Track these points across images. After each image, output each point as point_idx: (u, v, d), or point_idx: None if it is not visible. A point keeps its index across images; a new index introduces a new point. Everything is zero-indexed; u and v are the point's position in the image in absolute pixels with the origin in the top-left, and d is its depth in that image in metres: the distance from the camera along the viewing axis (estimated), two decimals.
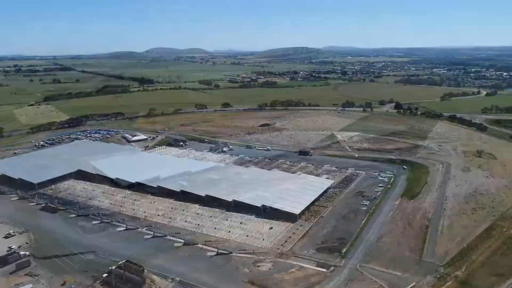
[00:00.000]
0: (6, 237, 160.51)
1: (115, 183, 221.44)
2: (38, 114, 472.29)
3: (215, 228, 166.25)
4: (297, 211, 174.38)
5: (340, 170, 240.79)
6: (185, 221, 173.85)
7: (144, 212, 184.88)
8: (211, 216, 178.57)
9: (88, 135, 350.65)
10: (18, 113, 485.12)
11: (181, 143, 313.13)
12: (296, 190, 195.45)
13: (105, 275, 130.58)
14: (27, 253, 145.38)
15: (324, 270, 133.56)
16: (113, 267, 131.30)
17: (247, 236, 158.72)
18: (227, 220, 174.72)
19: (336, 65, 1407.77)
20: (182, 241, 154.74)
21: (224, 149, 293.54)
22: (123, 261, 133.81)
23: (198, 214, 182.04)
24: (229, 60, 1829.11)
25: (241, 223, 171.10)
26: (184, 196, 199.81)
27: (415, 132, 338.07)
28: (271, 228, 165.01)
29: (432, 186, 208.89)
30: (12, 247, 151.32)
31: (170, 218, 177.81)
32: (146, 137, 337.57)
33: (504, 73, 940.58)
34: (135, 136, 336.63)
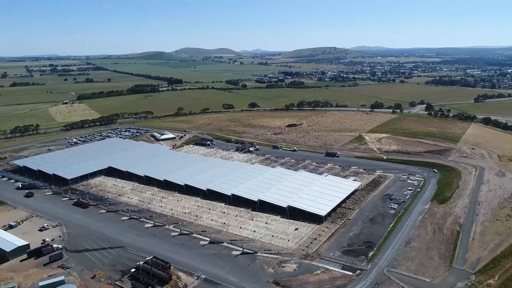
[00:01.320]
0: (40, 230, 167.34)
1: (144, 180, 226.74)
2: (71, 112, 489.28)
3: (240, 228, 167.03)
4: (323, 212, 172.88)
5: (367, 172, 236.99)
6: (211, 220, 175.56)
7: (171, 209, 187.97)
8: (236, 216, 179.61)
9: (119, 133, 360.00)
10: (53, 111, 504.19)
11: (208, 143, 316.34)
12: (322, 192, 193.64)
13: (133, 270, 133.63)
14: (59, 246, 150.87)
15: (350, 273, 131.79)
16: (141, 263, 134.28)
17: (272, 236, 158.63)
18: (252, 219, 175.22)
19: (365, 66, 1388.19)
20: (208, 239, 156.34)
21: (251, 149, 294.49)
22: (151, 257, 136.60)
23: (224, 213, 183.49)
24: (256, 60, 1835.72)
25: (266, 223, 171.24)
26: (210, 195, 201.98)
27: (447, 135, 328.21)
28: (296, 229, 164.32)
29: (464, 191, 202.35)
30: (46, 240, 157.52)
31: (197, 216, 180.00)
32: (174, 136, 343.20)
33: None
34: (163, 135, 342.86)
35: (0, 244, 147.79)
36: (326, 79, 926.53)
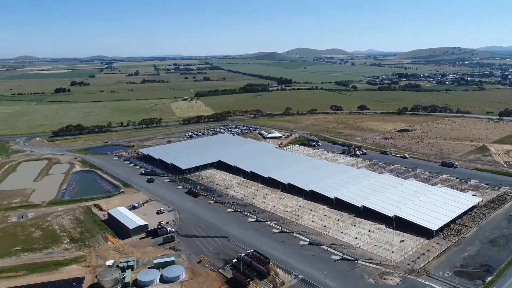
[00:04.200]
0: (158, 213, 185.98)
1: (250, 175, 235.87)
2: (189, 108, 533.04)
3: (341, 232, 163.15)
4: (434, 227, 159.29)
5: (490, 187, 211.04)
6: (312, 221, 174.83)
7: (274, 206, 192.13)
8: (338, 220, 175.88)
9: (229, 129, 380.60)
10: (174, 106, 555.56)
11: (314, 143, 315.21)
12: (434, 204, 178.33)
13: (234, 260, 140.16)
14: (172, 229, 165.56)
15: None
16: (242, 255, 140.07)
17: (375, 245, 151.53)
18: (354, 225, 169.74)
19: (495, 68, 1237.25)
20: (308, 240, 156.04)
21: (357, 152, 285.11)
22: (252, 251, 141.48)
23: (325, 215, 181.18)
24: (369, 61, 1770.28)
25: (369, 231, 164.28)
26: (313, 196, 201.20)
27: None
28: (402, 241, 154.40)
29: None
30: (162, 222, 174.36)
31: (298, 216, 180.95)
32: (280, 134, 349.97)
33: None
34: (270, 133, 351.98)
35: (125, 222, 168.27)
36: (447, 82, 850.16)
